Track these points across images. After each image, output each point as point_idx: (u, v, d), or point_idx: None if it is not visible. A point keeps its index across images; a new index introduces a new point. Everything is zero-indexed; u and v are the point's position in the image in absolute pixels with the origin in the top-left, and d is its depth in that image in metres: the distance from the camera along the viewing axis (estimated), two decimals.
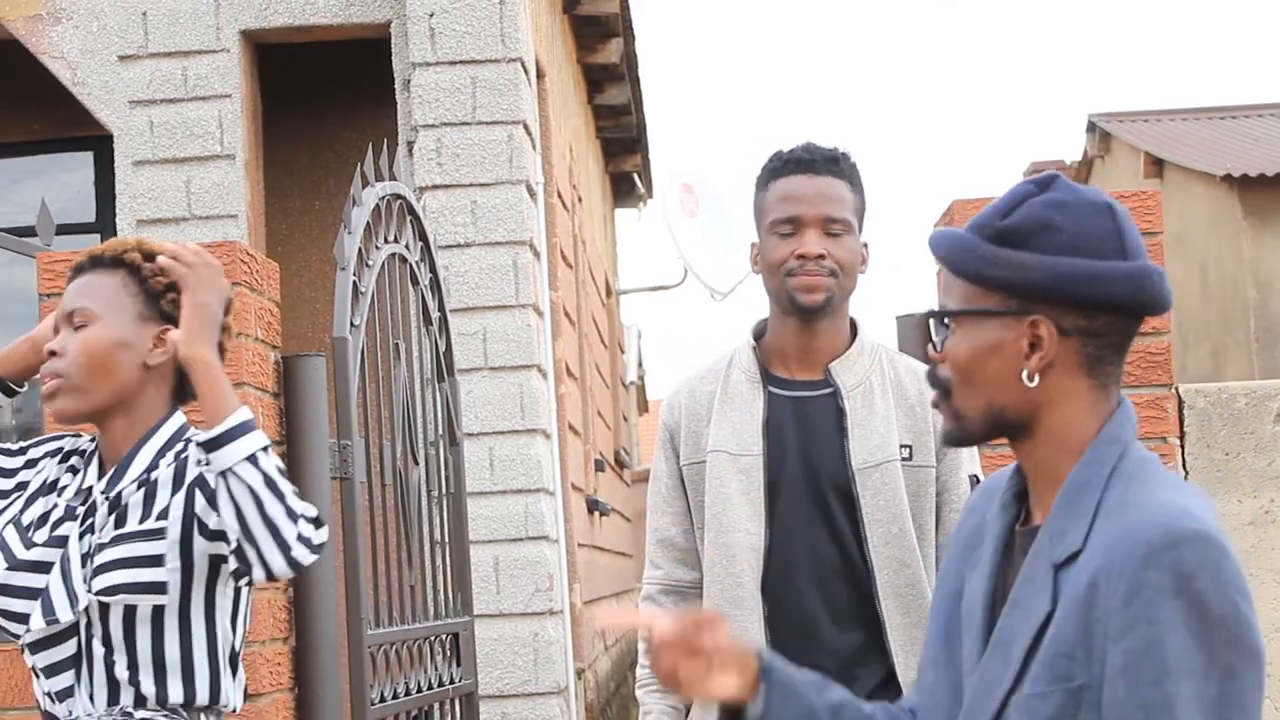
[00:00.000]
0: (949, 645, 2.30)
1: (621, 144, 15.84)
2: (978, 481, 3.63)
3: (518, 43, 8.25)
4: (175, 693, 2.94)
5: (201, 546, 2.91)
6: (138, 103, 8.53)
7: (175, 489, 2.94)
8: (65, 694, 2.93)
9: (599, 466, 12.65)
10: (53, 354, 2.97)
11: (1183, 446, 4.02)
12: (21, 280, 9.51)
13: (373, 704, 4.26)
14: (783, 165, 3.66)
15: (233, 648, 3.02)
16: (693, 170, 14.68)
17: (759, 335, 3.73)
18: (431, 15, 8.23)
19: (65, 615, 2.89)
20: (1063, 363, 2.18)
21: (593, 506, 11.65)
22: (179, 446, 3.00)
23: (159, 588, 2.89)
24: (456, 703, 5.01)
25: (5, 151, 9.80)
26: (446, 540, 5.08)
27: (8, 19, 8.59)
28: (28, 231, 6.40)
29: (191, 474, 2.92)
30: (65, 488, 3.02)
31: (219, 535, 2.87)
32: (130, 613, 2.90)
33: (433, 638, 4.80)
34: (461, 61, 8.23)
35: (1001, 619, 2.19)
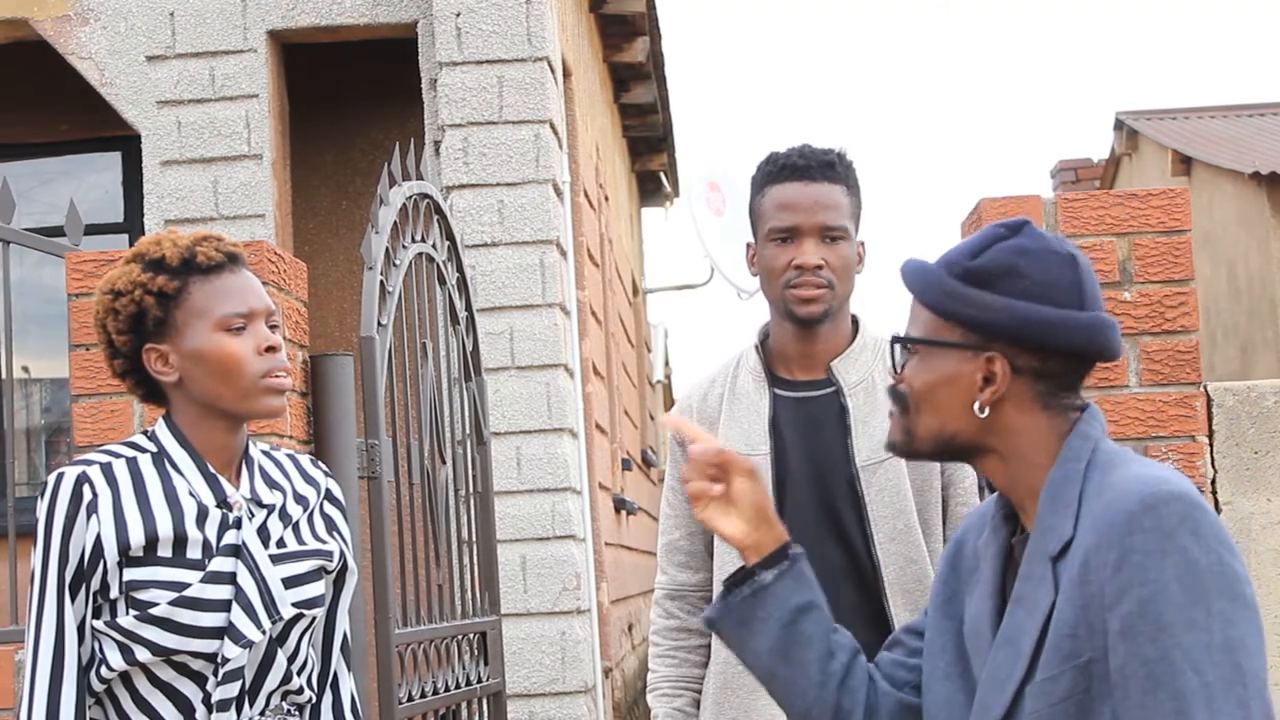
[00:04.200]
0: (961, 661, 2.39)
1: (648, 143, 15.83)
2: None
3: (544, 42, 8.26)
4: (308, 689, 3.04)
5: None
6: (165, 103, 8.55)
7: (314, 513, 3.09)
8: (229, 703, 2.89)
9: (626, 465, 12.65)
10: (274, 349, 2.95)
11: (1211, 445, 4.00)
12: (50, 280, 9.55)
13: (400, 703, 4.26)
14: (779, 171, 3.65)
15: None
16: (719, 169, 14.66)
17: (764, 338, 3.74)
18: (458, 15, 8.24)
19: (267, 625, 2.90)
20: (1015, 398, 2.32)
21: (620, 505, 11.64)
22: (283, 459, 3.11)
23: (325, 599, 3.05)
24: (484, 702, 5.01)
25: (34, 152, 9.84)
26: (474, 539, 5.08)
27: (36, 20, 8.62)
28: (56, 231, 6.43)
29: (328, 510, 3.12)
30: (176, 499, 2.92)
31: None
32: (310, 622, 3.01)
33: (460, 637, 4.80)
34: (488, 61, 8.24)
35: (1006, 618, 2.29)
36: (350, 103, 9.93)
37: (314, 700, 3.08)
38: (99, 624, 2.87)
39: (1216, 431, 4.02)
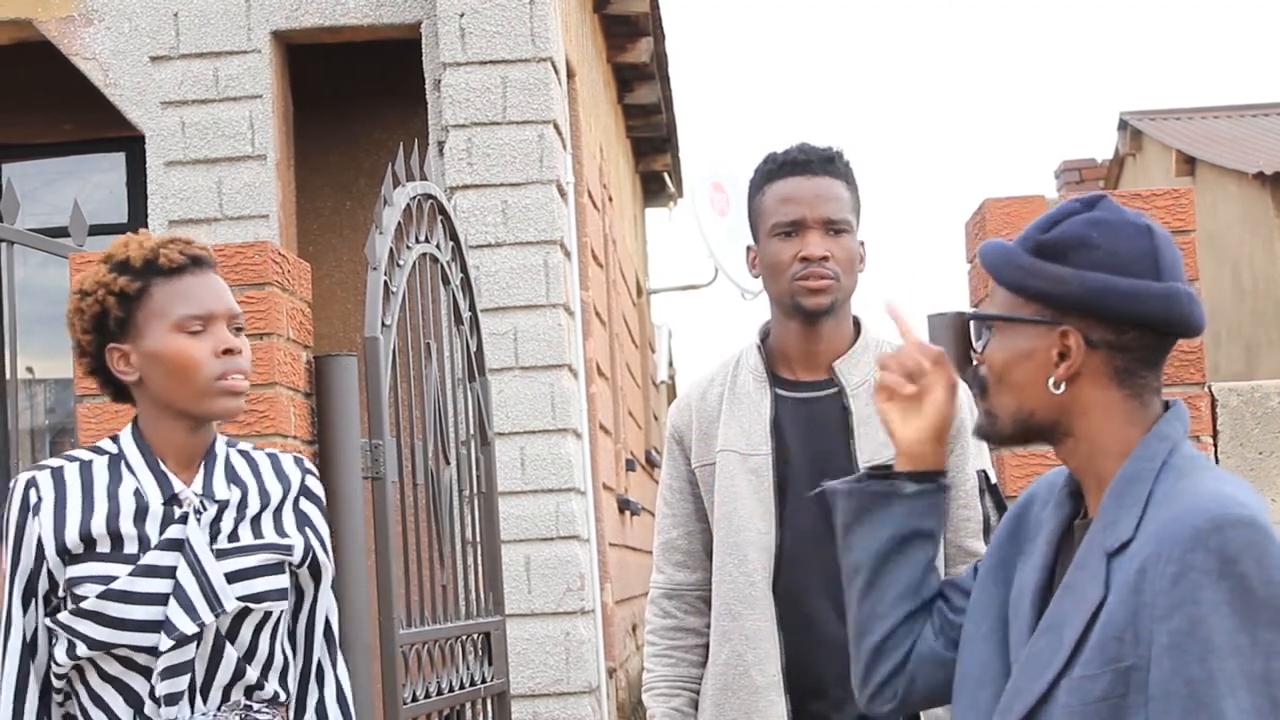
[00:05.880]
0: (1003, 628, 2.38)
1: (652, 143, 15.83)
2: (985, 476, 3.63)
3: (548, 42, 8.26)
4: (277, 689, 3.05)
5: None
6: (169, 103, 8.55)
7: (283, 508, 3.11)
8: (177, 697, 2.92)
9: (630, 466, 12.65)
10: (231, 352, 2.99)
11: (1216, 445, 4.00)
12: (54, 281, 9.54)
13: (405, 703, 4.26)
14: (779, 167, 3.65)
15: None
16: (723, 169, 14.66)
17: (765, 337, 3.73)
18: (462, 15, 8.24)
19: (208, 618, 2.91)
20: (1092, 373, 2.29)
21: (624, 506, 11.64)
22: (259, 457, 3.14)
23: (285, 594, 3.04)
24: (488, 702, 5.01)
25: (38, 153, 9.84)
26: (478, 540, 5.08)
27: (40, 21, 8.62)
28: (61, 232, 6.43)
29: (303, 505, 3.13)
30: (115, 498, 2.96)
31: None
32: (266, 617, 3.01)
33: (464, 637, 4.80)
34: (492, 61, 8.24)
35: (1053, 604, 2.28)
36: (354, 103, 9.93)
37: (288, 698, 3.09)
38: (49, 621, 2.94)
39: (1221, 432, 4.01)
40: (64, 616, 2.90)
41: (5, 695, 2.90)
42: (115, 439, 3.04)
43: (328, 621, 3.19)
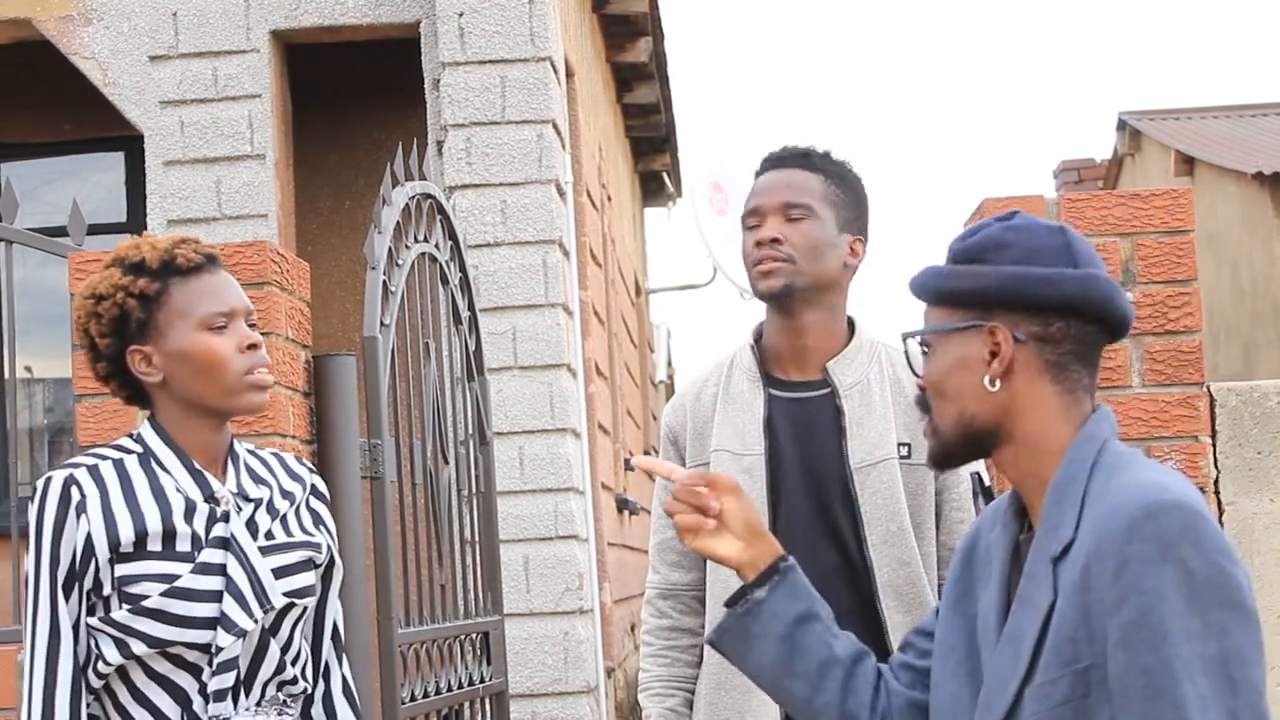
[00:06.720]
0: (972, 659, 2.40)
1: (651, 143, 15.83)
2: (979, 479, 3.63)
3: (547, 42, 8.26)
4: (303, 681, 3.10)
5: None
6: (168, 103, 8.55)
7: (301, 508, 3.17)
8: (225, 693, 2.95)
9: (628, 465, 12.64)
10: (255, 346, 3.02)
11: (1214, 445, 4.00)
12: (54, 280, 9.54)
13: (403, 703, 4.26)
14: (759, 167, 3.69)
15: None
16: (722, 169, 14.65)
17: (758, 337, 3.73)
18: (461, 15, 8.24)
19: (259, 614, 2.95)
20: (1024, 369, 2.33)
21: (622, 505, 11.64)
22: (267, 457, 3.18)
23: (315, 589, 3.12)
24: (486, 702, 5.01)
25: (37, 152, 9.85)
26: (477, 539, 5.08)
27: (39, 20, 8.62)
28: (60, 231, 6.43)
29: (314, 505, 3.20)
30: (163, 495, 2.97)
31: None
32: (303, 612, 3.08)
33: (463, 637, 4.80)
34: (491, 61, 8.24)
35: (1010, 618, 2.30)
36: (353, 103, 9.93)
37: (309, 690, 3.13)
38: (93, 621, 2.92)
39: (1220, 432, 4.01)
40: (121, 615, 2.89)
41: (35, 702, 2.87)
42: (137, 438, 3.03)
43: (335, 625, 3.23)
